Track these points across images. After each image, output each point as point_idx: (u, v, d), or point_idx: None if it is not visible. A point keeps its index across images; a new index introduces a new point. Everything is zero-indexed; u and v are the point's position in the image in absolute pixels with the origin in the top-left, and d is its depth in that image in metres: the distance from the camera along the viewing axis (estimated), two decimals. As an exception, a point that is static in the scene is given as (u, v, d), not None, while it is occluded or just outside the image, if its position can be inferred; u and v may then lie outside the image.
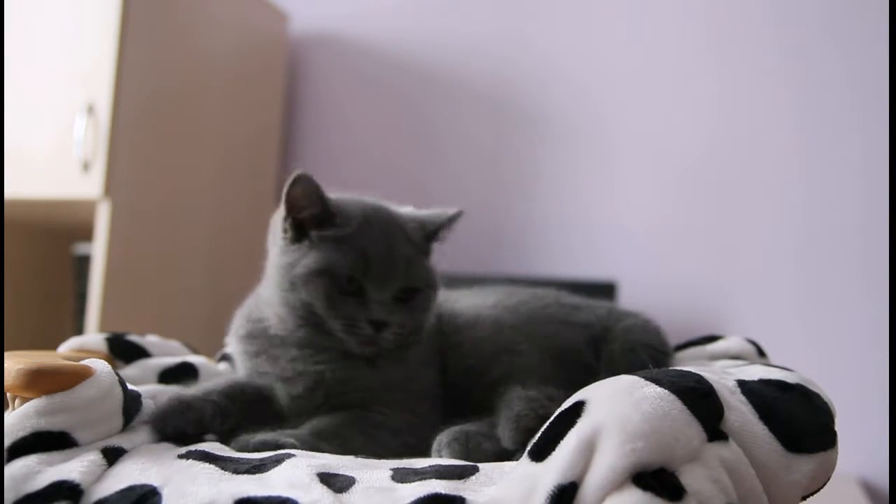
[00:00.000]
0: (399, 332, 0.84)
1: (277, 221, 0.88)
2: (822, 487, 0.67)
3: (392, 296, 0.84)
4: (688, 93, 2.09)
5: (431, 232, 0.90)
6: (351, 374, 0.84)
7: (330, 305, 0.82)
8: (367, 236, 0.84)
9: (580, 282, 1.95)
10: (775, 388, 0.71)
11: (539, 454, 0.61)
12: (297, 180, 0.83)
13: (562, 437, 0.61)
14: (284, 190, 0.84)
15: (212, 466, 0.66)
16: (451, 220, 0.91)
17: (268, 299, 0.89)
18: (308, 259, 0.83)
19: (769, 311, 1.93)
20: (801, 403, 0.70)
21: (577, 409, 0.64)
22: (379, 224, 0.86)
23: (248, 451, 0.72)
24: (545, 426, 0.65)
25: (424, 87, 2.35)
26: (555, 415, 0.66)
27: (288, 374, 0.85)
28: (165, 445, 0.74)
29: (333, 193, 0.88)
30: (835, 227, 1.92)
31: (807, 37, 1.99)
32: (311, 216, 0.84)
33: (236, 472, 0.65)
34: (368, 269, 0.83)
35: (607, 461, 0.57)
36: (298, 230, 0.86)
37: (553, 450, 0.60)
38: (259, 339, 0.88)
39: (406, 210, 0.93)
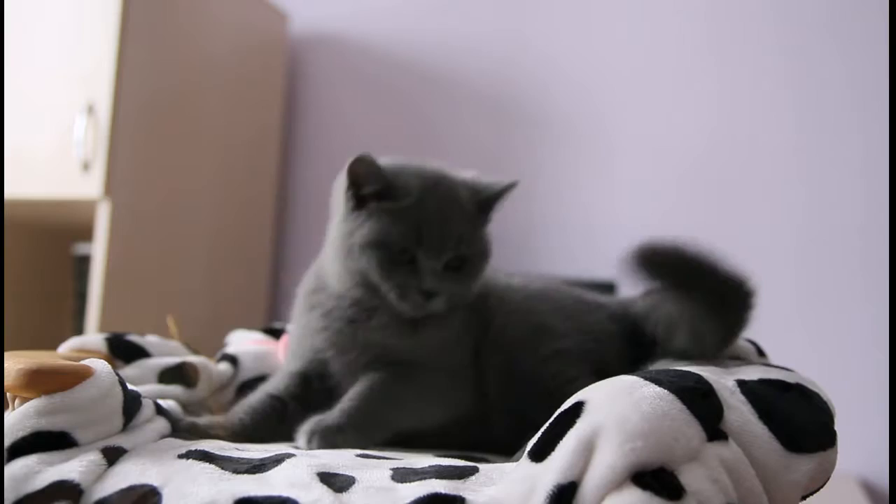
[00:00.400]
0: (451, 301, 0.88)
1: (340, 187, 0.92)
2: (821, 487, 0.67)
3: (443, 265, 0.88)
4: (688, 93, 2.09)
5: (484, 201, 0.93)
6: (399, 335, 0.89)
7: (383, 274, 0.86)
8: (423, 210, 0.88)
9: (580, 282, 1.95)
10: (775, 387, 0.71)
11: (539, 455, 0.62)
12: (359, 160, 0.87)
13: (561, 438, 0.61)
14: (346, 166, 0.88)
15: (212, 466, 0.66)
16: (504, 190, 0.93)
17: (329, 261, 0.93)
18: (365, 230, 0.88)
19: (769, 311, 1.92)
20: (800, 403, 0.70)
21: (577, 409, 0.64)
22: (436, 197, 0.89)
23: (308, 440, 0.81)
24: (545, 426, 0.65)
25: (424, 87, 2.35)
26: (555, 415, 0.66)
27: (338, 327, 0.90)
28: (166, 445, 0.74)
29: (395, 159, 0.93)
30: (835, 227, 1.92)
31: (807, 37, 1.99)
32: (373, 191, 0.88)
33: (236, 471, 0.65)
34: (421, 241, 0.86)
35: (607, 461, 0.57)
36: (359, 200, 0.90)
37: (552, 450, 0.60)
38: (319, 294, 0.94)
39: (467, 175, 0.96)
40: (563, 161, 2.18)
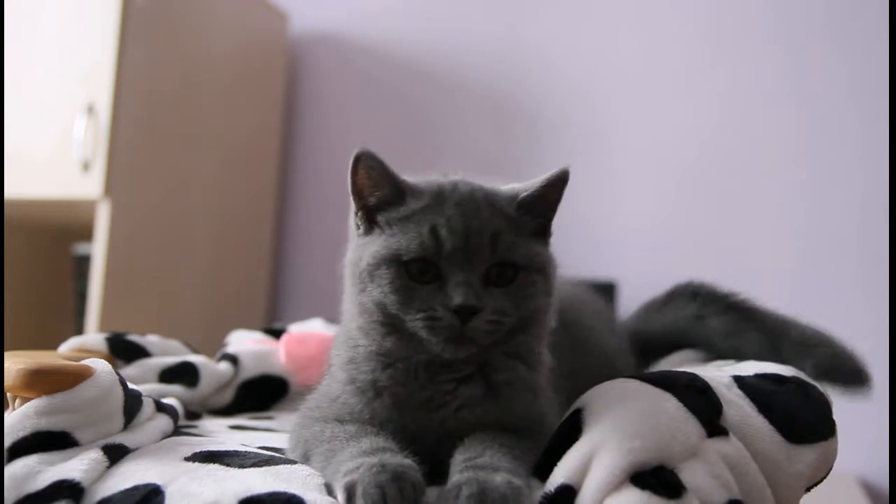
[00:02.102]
0: (495, 319, 0.67)
1: (351, 219, 0.76)
2: (825, 478, 0.67)
3: (480, 277, 0.68)
4: (687, 93, 2.09)
5: (527, 200, 0.74)
6: (475, 404, 0.70)
7: (403, 299, 0.68)
8: (440, 210, 0.70)
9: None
10: (771, 381, 0.71)
11: (542, 470, 0.62)
12: (358, 159, 0.71)
13: (562, 448, 0.61)
14: (349, 176, 0.72)
15: (216, 465, 0.66)
16: (550, 183, 0.76)
17: (349, 312, 0.75)
18: (373, 247, 0.70)
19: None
20: (798, 395, 0.70)
21: (576, 416, 0.64)
22: (455, 196, 0.71)
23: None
24: (548, 441, 0.66)
25: (424, 87, 2.35)
26: (557, 426, 0.66)
27: (394, 417, 0.70)
28: (170, 445, 0.74)
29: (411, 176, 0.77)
30: (835, 227, 1.92)
31: (807, 37, 1.99)
32: (380, 199, 0.72)
33: (242, 466, 0.66)
34: (442, 247, 0.68)
35: (605, 463, 0.57)
36: (369, 219, 0.73)
37: (556, 461, 0.61)
38: (356, 364, 0.73)
39: (507, 187, 0.78)
40: (562, 161, 2.14)
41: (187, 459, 0.68)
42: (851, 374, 0.80)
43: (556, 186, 0.77)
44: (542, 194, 0.76)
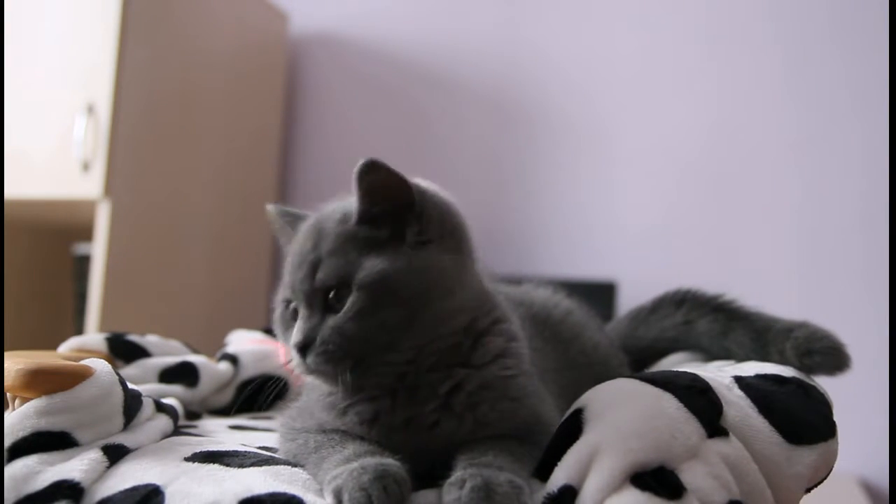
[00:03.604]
0: (323, 349, 0.66)
1: None
2: (825, 479, 0.67)
3: (317, 307, 0.68)
4: (687, 92, 2.09)
5: (358, 210, 0.69)
6: (426, 414, 0.68)
7: (283, 335, 0.73)
8: (293, 245, 0.73)
9: (580, 282, 1.95)
10: (772, 381, 0.71)
11: (543, 471, 0.62)
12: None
13: (562, 449, 0.61)
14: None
15: (216, 465, 0.66)
16: (359, 181, 0.67)
17: None
18: None
19: (769, 311, 1.93)
20: (798, 395, 0.70)
21: (577, 416, 0.64)
22: (302, 229, 0.73)
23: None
24: (550, 440, 0.65)
25: (424, 87, 2.35)
26: (557, 426, 0.66)
27: (359, 420, 0.69)
28: (170, 445, 0.73)
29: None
30: (835, 227, 1.92)
31: (807, 37, 1.99)
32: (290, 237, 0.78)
33: (242, 466, 0.66)
34: (287, 286, 0.72)
35: (605, 463, 0.57)
36: None
37: (556, 461, 0.61)
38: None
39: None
40: (562, 161, 2.18)
41: (187, 459, 0.68)
42: (828, 351, 0.80)
43: (372, 184, 0.67)
44: (369, 198, 0.68)
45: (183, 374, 1.02)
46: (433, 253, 0.69)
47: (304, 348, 0.66)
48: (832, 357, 0.79)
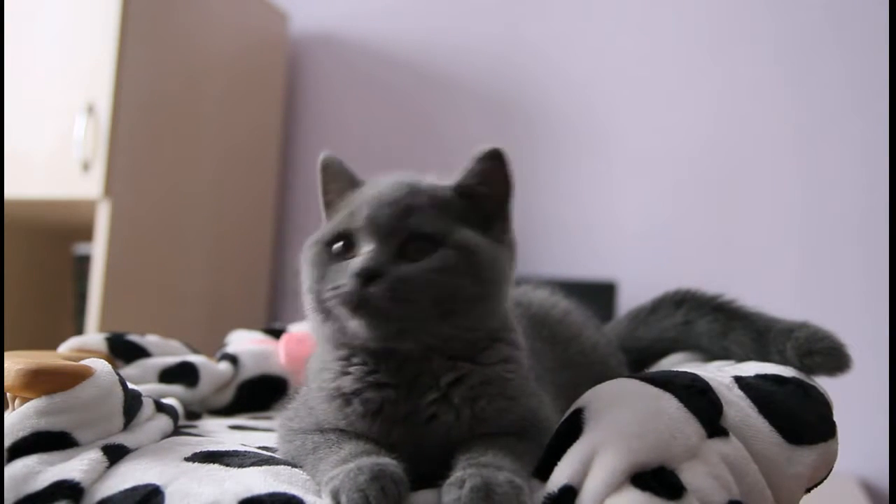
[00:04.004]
0: (397, 286, 0.64)
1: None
2: (824, 479, 0.67)
3: (393, 249, 0.67)
4: (687, 92, 2.09)
5: (463, 185, 0.72)
6: (423, 406, 0.68)
7: (319, 274, 0.69)
8: (362, 193, 0.73)
9: (580, 282, 1.95)
10: (772, 381, 0.71)
11: (543, 470, 0.62)
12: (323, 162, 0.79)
13: (562, 448, 0.61)
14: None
15: (216, 465, 0.66)
16: (478, 161, 0.72)
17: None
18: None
19: (768, 311, 1.93)
20: (798, 395, 0.70)
21: (577, 416, 0.64)
22: (383, 180, 0.73)
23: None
24: (550, 440, 0.65)
25: (424, 87, 2.35)
26: (557, 426, 0.66)
27: (364, 409, 0.69)
28: (170, 445, 0.74)
29: None
30: (835, 228, 1.92)
31: (807, 37, 1.99)
32: (337, 194, 0.78)
33: (242, 466, 0.66)
34: (356, 219, 0.69)
35: (605, 463, 0.57)
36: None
37: (556, 461, 0.61)
38: (324, 371, 0.73)
39: None
40: (562, 161, 2.18)
41: (187, 459, 0.68)
42: (829, 352, 0.79)
43: (488, 168, 0.72)
44: (479, 179, 0.72)
45: (183, 374, 1.02)
46: (506, 254, 0.73)
47: (372, 276, 0.64)
48: (833, 358, 0.79)
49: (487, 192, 0.73)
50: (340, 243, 0.70)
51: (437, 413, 0.68)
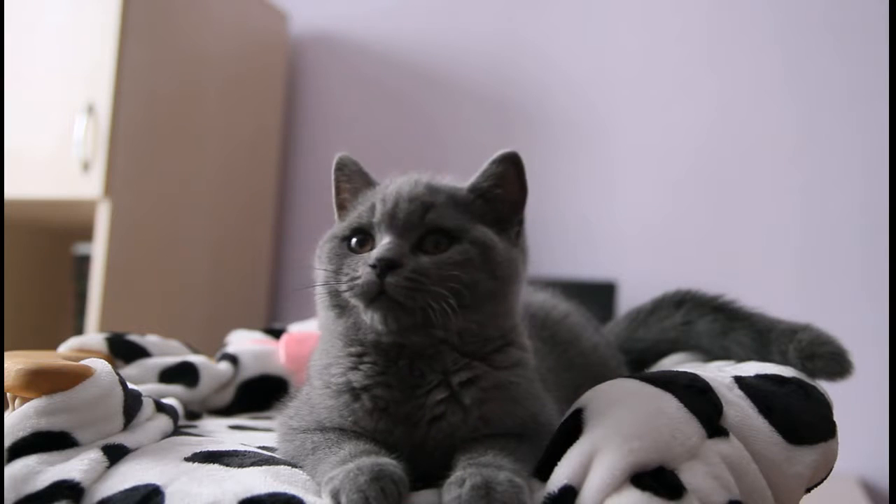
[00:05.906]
0: (415, 276, 0.65)
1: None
2: (824, 479, 0.67)
3: (411, 242, 0.69)
4: (687, 93, 2.09)
5: (478, 185, 0.75)
6: (430, 405, 0.68)
7: (335, 266, 0.70)
8: (382, 190, 0.74)
9: (580, 282, 1.95)
10: (772, 382, 0.71)
11: (543, 470, 0.62)
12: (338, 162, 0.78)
13: (563, 448, 0.61)
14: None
15: (216, 465, 0.66)
16: (494, 164, 0.76)
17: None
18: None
19: (768, 312, 1.93)
20: (798, 396, 0.70)
21: (577, 417, 0.64)
22: (402, 179, 0.75)
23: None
24: (550, 441, 0.65)
25: (424, 87, 2.35)
26: (557, 427, 0.66)
27: (373, 405, 0.69)
28: (170, 445, 0.73)
29: None
30: (835, 228, 1.92)
31: (806, 37, 1.99)
32: (352, 193, 0.79)
33: (242, 466, 0.66)
34: (374, 214, 0.71)
35: (605, 463, 0.57)
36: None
37: (557, 461, 0.61)
38: (332, 366, 0.73)
39: None
40: (562, 161, 2.17)
41: (187, 459, 0.68)
42: (831, 356, 0.79)
43: (503, 171, 0.76)
44: (494, 182, 0.76)
45: (183, 374, 1.02)
46: (520, 256, 0.77)
47: (391, 266, 0.65)
48: (835, 362, 0.79)
49: (502, 194, 0.76)
50: (357, 238, 0.71)
51: (444, 412, 0.68)
